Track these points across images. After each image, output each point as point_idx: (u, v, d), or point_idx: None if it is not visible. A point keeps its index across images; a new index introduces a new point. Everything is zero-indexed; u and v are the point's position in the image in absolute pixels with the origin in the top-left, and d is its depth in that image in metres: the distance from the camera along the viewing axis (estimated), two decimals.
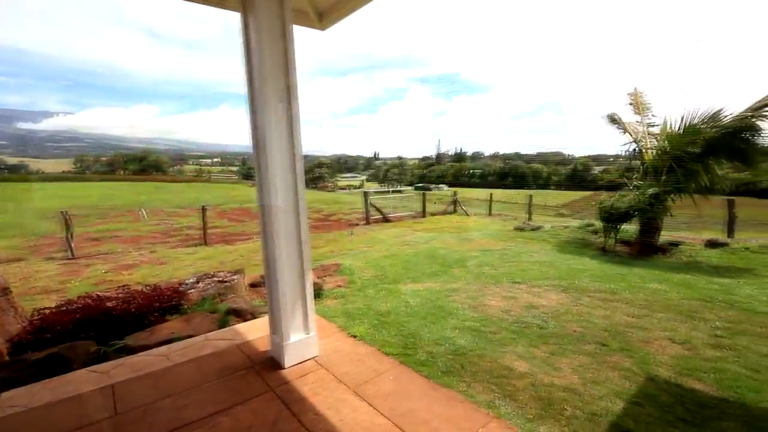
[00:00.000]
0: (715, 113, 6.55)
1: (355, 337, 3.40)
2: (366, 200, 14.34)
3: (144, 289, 4.13)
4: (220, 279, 4.69)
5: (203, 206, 12.05)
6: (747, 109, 6.34)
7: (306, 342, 2.94)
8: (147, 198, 30.68)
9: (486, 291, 4.63)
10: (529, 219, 13.49)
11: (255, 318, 3.87)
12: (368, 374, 2.74)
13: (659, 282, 4.82)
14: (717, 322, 3.49)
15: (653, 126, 7.76)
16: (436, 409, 2.33)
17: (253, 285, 5.01)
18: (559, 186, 69.01)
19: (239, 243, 11.29)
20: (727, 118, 6.42)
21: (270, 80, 2.56)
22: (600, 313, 3.76)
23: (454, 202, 16.84)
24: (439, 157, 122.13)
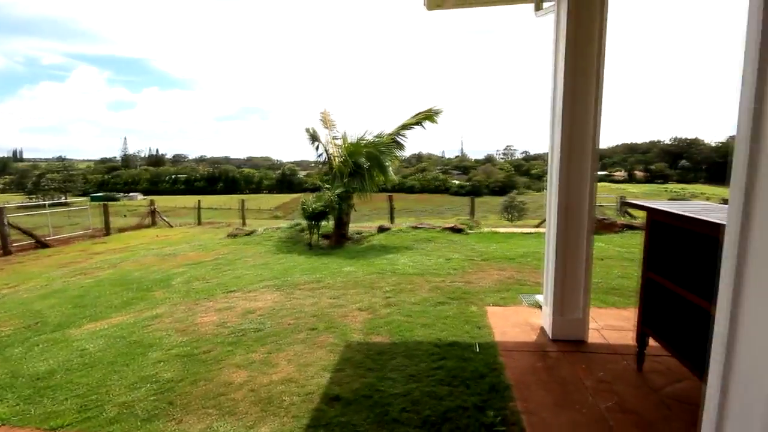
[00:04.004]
0: (378, 134, 9.01)
1: None
2: (1, 219, 9.82)
3: None
4: None
5: None
6: (393, 132, 9.12)
7: None
8: None
9: (197, 308, 4.26)
10: (243, 224, 13.63)
11: None
12: None
13: (351, 265, 6.08)
14: (387, 287, 4.79)
15: (337, 139, 9.71)
16: None
17: None
18: (272, 190, 73.91)
19: None
20: (382, 137, 9.01)
21: None
22: (309, 302, 4.30)
23: (152, 213, 14.52)
24: (128, 160, 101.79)
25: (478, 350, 3.02)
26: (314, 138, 9.22)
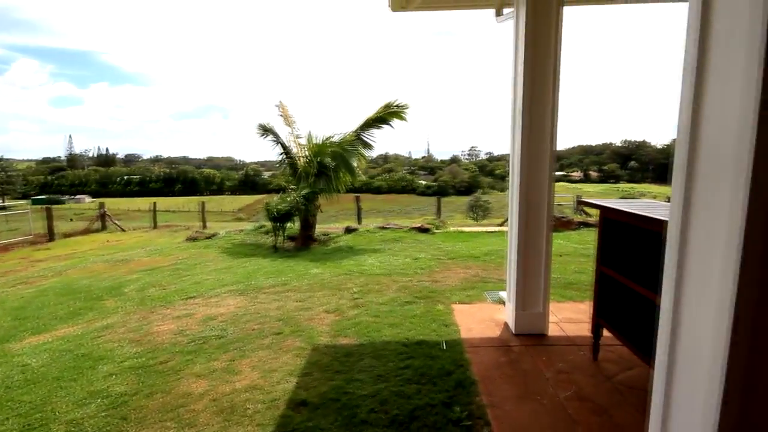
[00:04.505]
0: (344, 134, 8.96)
1: None
2: None
3: None
4: None
5: None
6: (358, 129, 9.08)
7: None
8: None
9: (153, 317, 4.04)
10: (204, 227, 13.11)
11: None
12: None
13: (317, 267, 6.01)
14: (354, 288, 4.77)
15: (301, 138, 9.55)
16: None
17: None
18: (234, 191, 71.60)
19: None
20: (347, 136, 8.95)
21: None
22: (275, 306, 4.20)
23: (102, 217, 13.65)
24: (74, 160, 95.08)
25: (444, 348, 3.07)
26: (267, 131, 8.89)
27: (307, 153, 8.99)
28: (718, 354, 1.06)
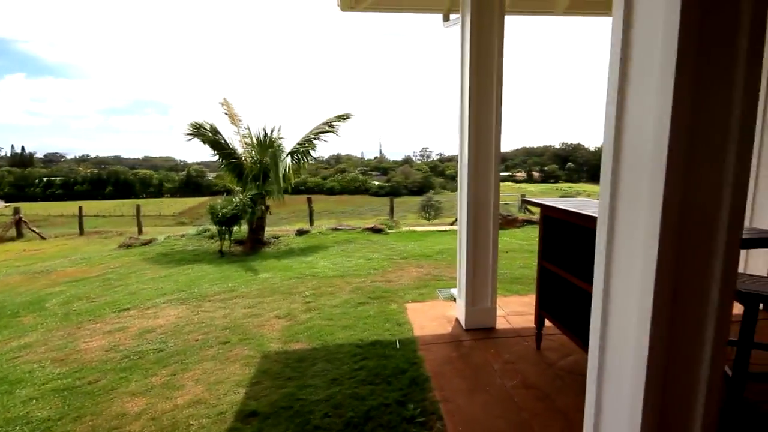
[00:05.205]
0: (302, 137, 8.80)
1: None
2: None
3: None
4: None
5: None
6: (310, 132, 8.93)
7: None
8: None
9: (80, 333, 3.69)
10: (140, 232, 12.18)
11: None
12: None
13: (267, 271, 5.82)
14: (306, 292, 4.68)
15: (247, 137, 9.19)
16: None
17: None
18: (175, 193, 67.19)
19: None
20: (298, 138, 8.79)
21: None
22: (221, 314, 4.01)
23: (18, 223, 12.21)
24: None
25: (398, 347, 3.11)
26: (199, 133, 8.22)
27: (254, 153, 8.68)
28: (642, 336, 1.17)
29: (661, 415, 1.20)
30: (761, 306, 1.87)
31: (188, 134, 8.31)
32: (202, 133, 8.35)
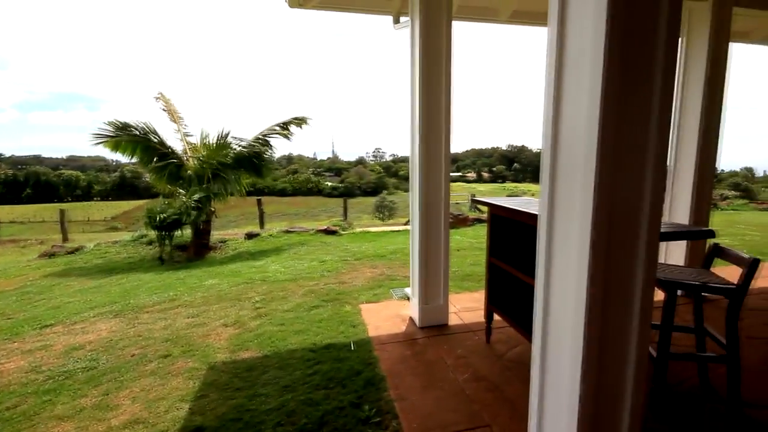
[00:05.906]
0: (253, 136, 8.49)
1: None
2: None
3: None
4: None
5: None
6: (260, 133, 8.65)
7: None
8: None
9: None
10: (65, 240, 11.08)
11: None
12: None
13: (213, 277, 5.54)
14: (257, 297, 4.51)
15: (190, 136, 8.71)
16: None
17: None
18: (107, 196, 61.84)
19: None
20: (245, 140, 8.49)
21: None
22: (161, 326, 3.75)
23: None
24: None
25: (353, 348, 3.10)
26: (122, 132, 7.43)
27: (201, 153, 8.25)
28: (579, 324, 1.27)
29: (595, 395, 1.30)
30: (679, 292, 2.09)
31: (97, 135, 7.19)
32: (122, 128, 7.46)
